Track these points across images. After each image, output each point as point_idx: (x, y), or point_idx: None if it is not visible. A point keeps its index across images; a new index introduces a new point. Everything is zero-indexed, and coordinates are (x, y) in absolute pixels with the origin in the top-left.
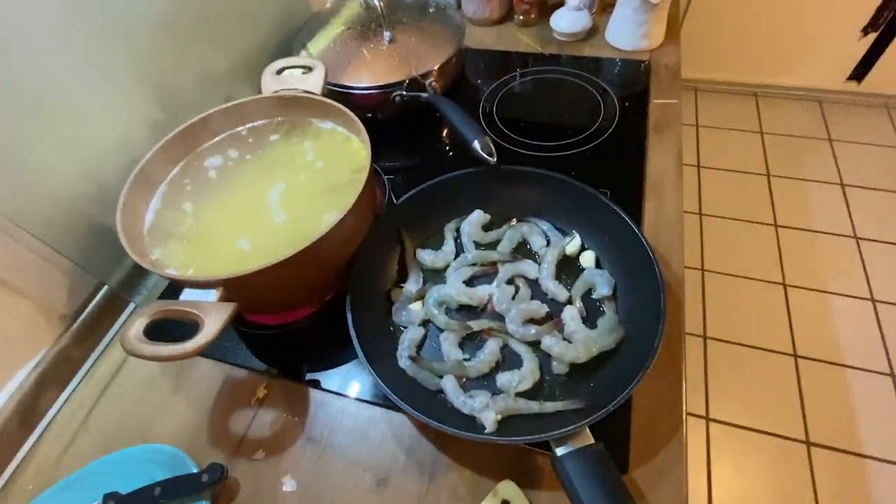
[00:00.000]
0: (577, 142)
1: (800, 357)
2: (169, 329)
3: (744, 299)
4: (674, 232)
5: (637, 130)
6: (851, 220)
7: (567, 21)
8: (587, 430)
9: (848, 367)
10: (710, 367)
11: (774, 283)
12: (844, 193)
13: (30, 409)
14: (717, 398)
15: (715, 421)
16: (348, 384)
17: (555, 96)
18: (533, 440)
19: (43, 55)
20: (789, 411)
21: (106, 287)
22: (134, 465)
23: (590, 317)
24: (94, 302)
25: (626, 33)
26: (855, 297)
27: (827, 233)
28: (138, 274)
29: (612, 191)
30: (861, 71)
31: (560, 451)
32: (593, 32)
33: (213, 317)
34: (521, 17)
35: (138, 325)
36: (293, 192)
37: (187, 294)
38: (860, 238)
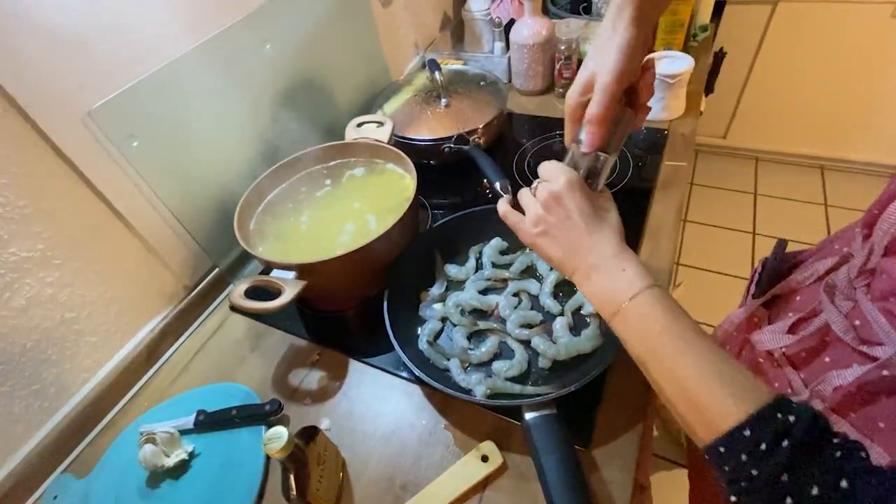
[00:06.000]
0: None
1: None
2: (260, 295)
3: None
4: (663, 271)
5: (646, 186)
6: None
7: None
8: (553, 403)
9: None
10: None
11: None
12: None
13: (154, 349)
14: None
15: None
16: (379, 360)
17: None
18: (509, 404)
19: (203, 108)
20: None
21: (216, 270)
22: (218, 396)
23: (577, 328)
24: (206, 280)
25: None
26: None
27: None
28: (240, 263)
29: None
30: None
31: (528, 416)
32: None
33: (290, 287)
34: (560, 90)
35: (242, 287)
36: (359, 211)
37: (274, 273)
38: None
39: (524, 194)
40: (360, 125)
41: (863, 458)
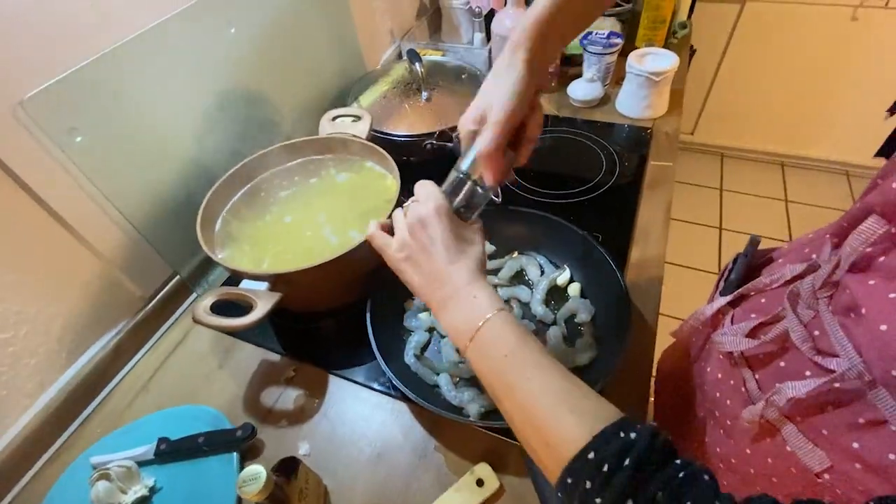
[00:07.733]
0: (580, 192)
1: None
2: (228, 310)
3: None
4: (654, 274)
5: (633, 186)
6: None
7: (582, 90)
8: None
9: None
10: None
11: None
12: None
13: (106, 369)
14: None
15: None
16: (361, 375)
17: (566, 153)
18: (505, 425)
19: (158, 98)
20: None
21: (177, 278)
22: (182, 420)
23: (571, 337)
24: (165, 289)
25: (633, 104)
26: None
27: None
28: (203, 270)
29: (605, 235)
30: (889, 148)
31: None
32: (605, 101)
33: (264, 301)
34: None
35: (207, 301)
36: (336, 213)
37: (244, 284)
38: None
39: (397, 215)
40: (334, 119)
41: (707, 481)
